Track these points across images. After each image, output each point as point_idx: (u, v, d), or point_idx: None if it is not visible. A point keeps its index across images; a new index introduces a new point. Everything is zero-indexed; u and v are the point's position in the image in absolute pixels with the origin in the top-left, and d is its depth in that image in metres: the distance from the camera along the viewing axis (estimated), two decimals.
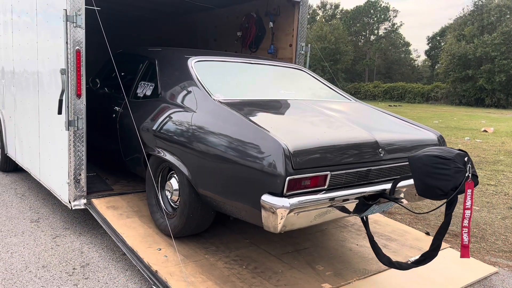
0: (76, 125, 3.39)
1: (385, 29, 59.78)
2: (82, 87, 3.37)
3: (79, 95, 3.37)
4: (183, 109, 3.16)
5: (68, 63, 3.30)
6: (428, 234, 3.84)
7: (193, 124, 2.97)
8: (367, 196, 2.64)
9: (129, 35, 8.23)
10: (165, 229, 3.17)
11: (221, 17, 6.04)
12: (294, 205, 2.27)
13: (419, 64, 62.16)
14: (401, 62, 58.73)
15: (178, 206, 3.18)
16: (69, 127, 3.37)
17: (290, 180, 2.30)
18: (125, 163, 3.98)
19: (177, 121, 3.14)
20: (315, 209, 2.42)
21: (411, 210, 3.13)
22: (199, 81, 3.25)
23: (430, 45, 56.56)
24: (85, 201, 3.58)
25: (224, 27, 6.01)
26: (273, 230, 2.36)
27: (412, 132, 3.22)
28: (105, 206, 3.61)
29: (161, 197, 3.39)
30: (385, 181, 2.77)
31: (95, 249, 3.39)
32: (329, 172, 2.47)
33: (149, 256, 2.93)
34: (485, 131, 13.70)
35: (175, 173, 3.21)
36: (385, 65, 58.00)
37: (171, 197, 3.28)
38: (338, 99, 3.89)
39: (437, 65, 49.85)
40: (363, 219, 2.91)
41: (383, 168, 2.77)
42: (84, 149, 3.48)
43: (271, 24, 5.15)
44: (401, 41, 59.81)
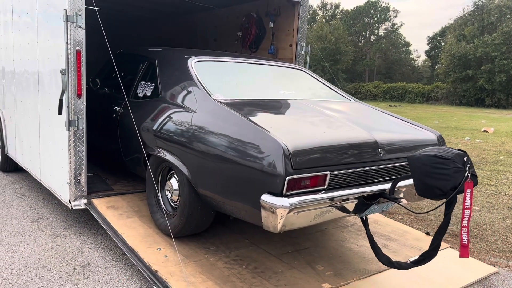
0: (76, 125, 3.40)
1: (385, 29, 59.80)
2: (82, 87, 3.37)
3: (79, 95, 3.37)
4: (183, 109, 3.17)
5: (68, 63, 3.31)
6: (428, 234, 3.84)
7: (193, 124, 2.98)
8: (366, 196, 2.64)
9: (129, 35, 8.23)
10: (165, 229, 3.18)
11: (221, 17, 6.04)
12: (293, 205, 2.28)
13: (419, 64, 62.19)
14: (401, 62, 58.70)
15: (178, 206, 3.18)
16: (70, 127, 3.38)
17: (289, 180, 2.31)
18: (125, 163, 3.98)
19: (177, 121, 3.14)
20: (314, 209, 2.42)
21: (411, 210, 3.13)
22: (199, 81, 3.26)
23: (430, 45, 56.59)
24: (85, 201, 3.59)
25: (224, 27, 6.01)
26: (272, 230, 2.36)
27: (411, 132, 3.22)
28: (105, 206, 3.61)
29: (161, 197, 3.40)
30: (384, 181, 2.78)
31: (95, 249, 3.39)
32: (328, 172, 2.47)
33: (149, 256, 2.93)
34: (485, 131, 13.70)
35: (175, 173, 3.21)
36: (385, 65, 57.98)
37: (171, 197, 3.28)
38: (338, 99, 3.89)
39: (437, 65, 49.86)
40: (363, 219, 2.91)
41: (383, 168, 2.77)
42: (84, 149, 3.48)
43: (271, 24, 5.15)
44: (401, 41, 59.79)
